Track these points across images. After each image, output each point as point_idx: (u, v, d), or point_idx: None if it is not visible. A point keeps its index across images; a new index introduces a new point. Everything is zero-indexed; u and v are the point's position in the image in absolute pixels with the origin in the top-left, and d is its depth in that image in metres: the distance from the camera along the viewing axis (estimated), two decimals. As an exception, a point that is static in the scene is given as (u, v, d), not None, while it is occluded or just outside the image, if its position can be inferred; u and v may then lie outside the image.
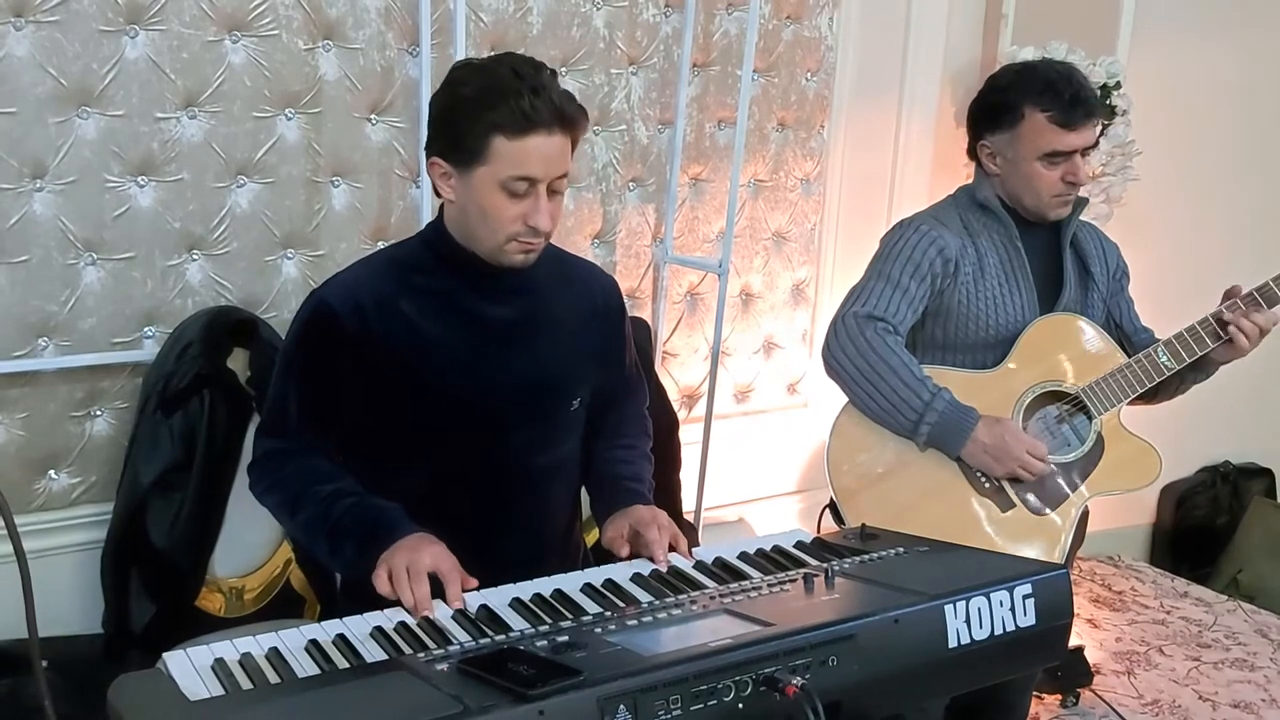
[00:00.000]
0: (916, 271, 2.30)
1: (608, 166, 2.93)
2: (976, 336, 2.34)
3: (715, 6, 2.99)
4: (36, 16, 2.23)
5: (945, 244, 2.31)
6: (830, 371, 2.32)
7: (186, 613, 2.41)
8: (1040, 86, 2.27)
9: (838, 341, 2.29)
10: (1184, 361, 2.33)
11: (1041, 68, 2.33)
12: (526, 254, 1.76)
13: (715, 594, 1.57)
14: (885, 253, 2.36)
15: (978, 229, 2.36)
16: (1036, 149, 2.27)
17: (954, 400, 2.24)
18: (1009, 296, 2.34)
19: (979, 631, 1.50)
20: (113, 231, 2.37)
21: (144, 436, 2.37)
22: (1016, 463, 2.24)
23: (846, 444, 2.32)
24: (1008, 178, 2.34)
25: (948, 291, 2.33)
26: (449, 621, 1.52)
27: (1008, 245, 2.36)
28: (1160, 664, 3.49)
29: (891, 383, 2.23)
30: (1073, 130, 2.26)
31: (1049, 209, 2.33)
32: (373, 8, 2.54)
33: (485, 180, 1.69)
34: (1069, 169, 2.28)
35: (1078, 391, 2.34)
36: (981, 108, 2.38)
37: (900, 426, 2.25)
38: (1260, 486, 4.42)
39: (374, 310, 1.77)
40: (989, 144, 2.35)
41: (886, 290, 2.30)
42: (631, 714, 1.25)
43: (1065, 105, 2.25)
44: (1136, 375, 2.33)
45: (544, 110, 1.66)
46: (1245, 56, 4.01)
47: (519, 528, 1.88)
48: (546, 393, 1.86)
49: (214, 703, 1.28)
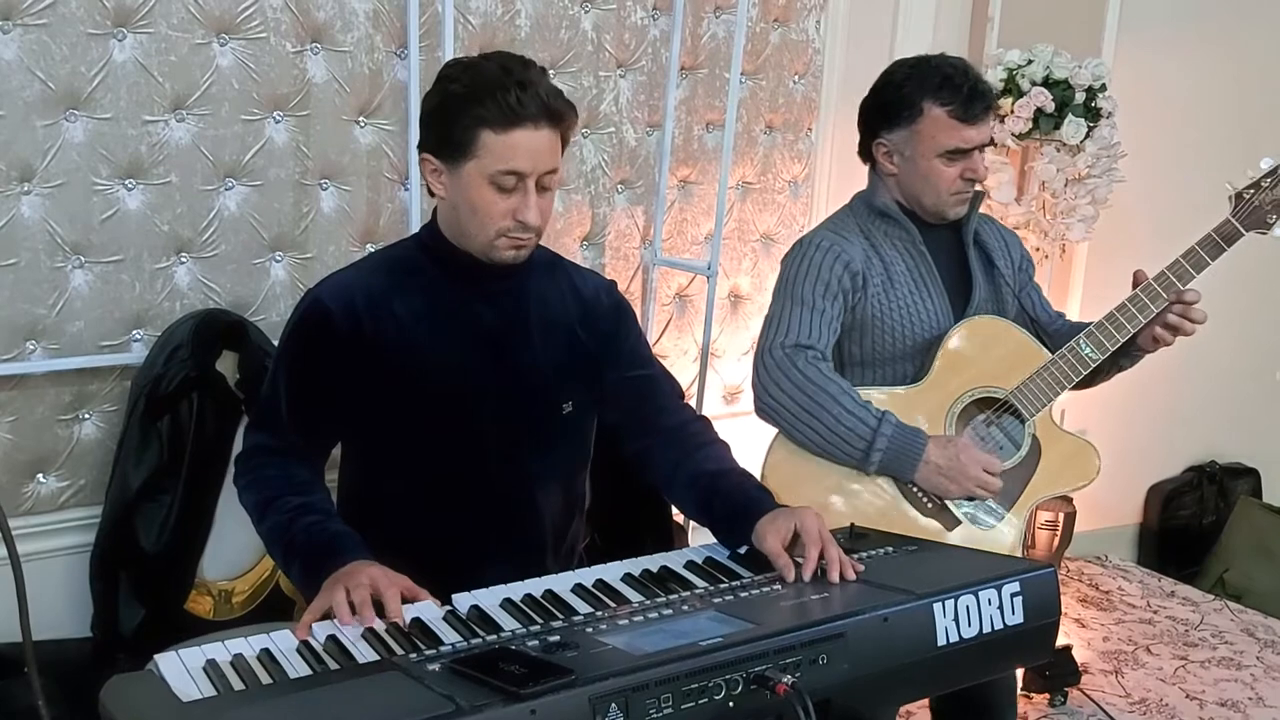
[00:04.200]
0: (827, 291, 2.22)
1: (596, 169, 2.93)
2: (893, 348, 2.27)
3: (703, 10, 3.00)
4: (24, 19, 2.23)
5: (850, 257, 2.24)
6: (765, 411, 2.22)
7: (175, 616, 2.41)
8: (938, 81, 2.20)
9: (770, 377, 2.18)
10: (1108, 351, 2.25)
11: (937, 62, 2.26)
12: (517, 250, 1.76)
13: (706, 593, 1.58)
14: (791, 276, 2.27)
15: (879, 238, 2.29)
16: (936, 145, 2.21)
17: (900, 423, 2.16)
18: (921, 303, 2.27)
19: (967, 630, 1.51)
20: (101, 234, 2.37)
21: (132, 440, 2.37)
22: (973, 481, 2.16)
23: (784, 479, 2.22)
24: (905, 176, 2.27)
25: (859, 306, 2.25)
26: (437, 624, 1.52)
27: (912, 251, 2.29)
28: (1147, 663, 3.51)
29: (834, 412, 2.13)
30: (971, 125, 2.20)
31: (948, 207, 2.27)
32: (361, 10, 2.54)
33: (473, 175, 1.70)
34: (968, 165, 2.22)
35: (1007, 395, 2.25)
36: (877, 104, 2.29)
37: (848, 457, 2.16)
38: (1246, 486, 4.44)
39: (367, 310, 1.78)
40: (886, 142, 2.27)
41: (803, 314, 2.21)
42: (623, 713, 1.25)
43: (964, 99, 2.19)
44: (1063, 371, 2.25)
45: (530, 104, 1.66)
46: (1230, 58, 4.03)
47: (510, 529, 1.88)
48: (537, 395, 1.86)
49: (206, 703, 1.28)
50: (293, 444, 1.82)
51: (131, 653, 2.31)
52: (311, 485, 1.79)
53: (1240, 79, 4.07)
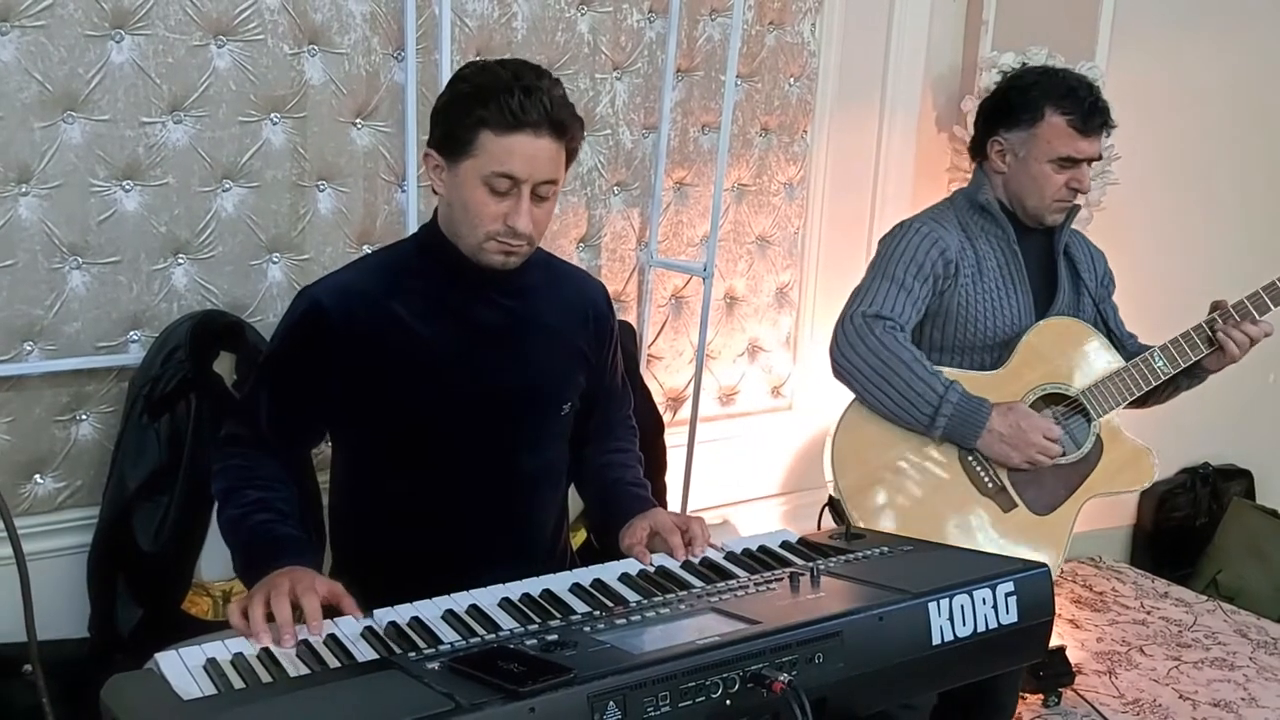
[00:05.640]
0: (920, 271, 2.32)
1: (592, 171, 2.94)
2: (974, 339, 2.37)
3: (699, 12, 3.01)
4: (21, 21, 2.23)
5: (946, 245, 2.34)
6: (840, 373, 2.32)
7: (173, 616, 2.41)
8: (1063, 90, 2.31)
9: (847, 341, 2.29)
10: (1179, 366, 2.37)
11: (1063, 73, 2.38)
12: (506, 256, 1.77)
13: (703, 593, 1.58)
14: (887, 253, 2.37)
15: (976, 232, 2.39)
16: (1051, 151, 2.31)
17: (966, 392, 2.26)
18: (1006, 299, 2.36)
19: (962, 629, 1.52)
20: (98, 236, 2.37)
21: (130, 441, 2.37)
22: (1034, 448, 2.26)
23: (854, 442, 2.32)
24: (1014, 177, 2.36)
25: (948, 293, 2.35)
26: (435, 623, 1.52)
27: (1005, 249, 2.38)
28: (1141, 664, 3.52)
29: (905, 377, 2.23)
30: (1087, 137, 2.31)
31: (1049, 213, 2.37)
32: (358, 13, 2.55)
33: (470, 174, 1.71)
34: (1075, 175, 2.33)
35: (1078, 394, 2.36)
36: (1000, 104, 2.39)
37: (915, 422, 2.26)
38: (1239, 488, 4.46)
39: (364, 310, 1.78)
40: (1002, 141, 2.37)
41: (890, 289, 2.31)
42: (621, 711, 1.26)
43: (1085, 112, 2.30)
44: (1134, 379, 2.37)
45: (533, 111, 1.68)
46: (1224, 61, 4.05)
47: (506, 530, 1.89)
48: (536, 396, 1.87)
49: (207, 702, 1.28)
50: (265, 440, 1.82)
51: (129, 653, 2.31)
52: (274, 482, 1.78)
53: (1233, 82, 4.09)
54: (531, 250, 1.81)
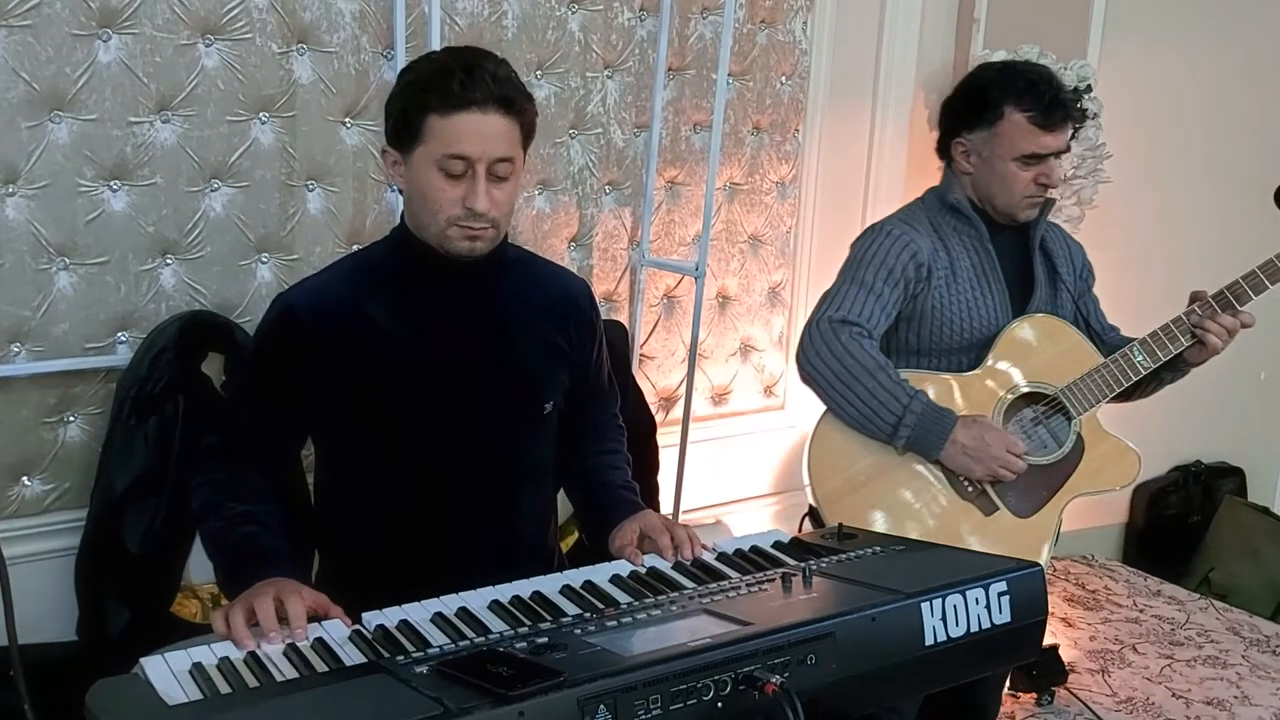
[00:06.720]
0: (890, 276, 2.29)
1: (584, 170, 2.93)
2: (950, 340, 2.34)
3: (690, 11, 3.00)
4: (8, 20, 2.21)
5: (918, 248, 2.30)
6: (805, 377, 2.30)
7: (162, 619, 2.40)
8: (1022, 86, 2.27)
9: (812, 347, 2.27)
10: (1159, 360, 2.34)
11: (1022, 68, 2.34)
12: (471, 241, 1.74)
13: (694, 594, 1.58)
14: (857, 258, 2.34)
15: (948, 232, 2.36)
16: (1014, 149, 2.27)
17: (930, 402, 2.23)
18: (982, 299, 2.33)
19: (955, 629, 1.52)
20: (86, 236, 2.36)
21: (118, 442, 2.35)
22: (996, 462, 2.22)
23: (828, 451, 2.31)
24: (980, 177, 2.33)
25: (921, 295, 2.32)
26: (424, 626, 1.51)
27: (979, 248, 2.35)
28: (1134, 662, 3.52)
29: (868, 385, 2.21)
30: (1050, 132, 2.27)
31: (1019, 210, 2.33)
32: (347, 11, 2.53)
33: (423, 161, 1.71)
34: (1043, 171, 2.29)
35: (1057, 392, 2.33)
36: (959, 104, 2.36)
37: (878, 431, 2.24)
38: (1231, 485, 4.47)
39: (339, 312, 1.77)
40: (965, 141, 2.34)
41: (859, 295, 2.28)
42: (612, 714, 1.25)
43: (1045, 107, 2.25)
44: (1114, 375, 2.33)
45: (476, 89, 1.67)
46: (1214, 60, 4.05)
47: (491, 530, 1.87)
48: (517, 394, 1.86)
49: (192, 707, 1.27)
50: (246, 449, 1.80)
51: (117, 656, 2.29)
52: (257, 494, 1.76)
53: (1225, 80, 4.09)
54: (499, 234, 1.79)
